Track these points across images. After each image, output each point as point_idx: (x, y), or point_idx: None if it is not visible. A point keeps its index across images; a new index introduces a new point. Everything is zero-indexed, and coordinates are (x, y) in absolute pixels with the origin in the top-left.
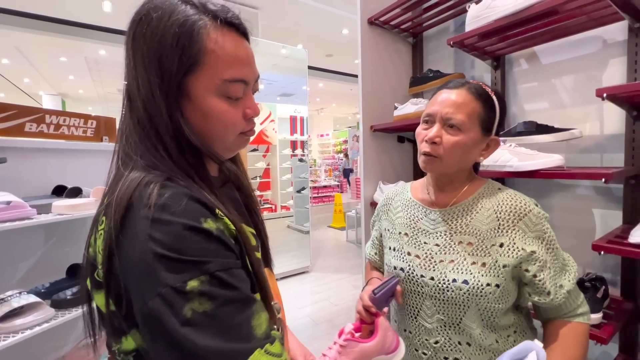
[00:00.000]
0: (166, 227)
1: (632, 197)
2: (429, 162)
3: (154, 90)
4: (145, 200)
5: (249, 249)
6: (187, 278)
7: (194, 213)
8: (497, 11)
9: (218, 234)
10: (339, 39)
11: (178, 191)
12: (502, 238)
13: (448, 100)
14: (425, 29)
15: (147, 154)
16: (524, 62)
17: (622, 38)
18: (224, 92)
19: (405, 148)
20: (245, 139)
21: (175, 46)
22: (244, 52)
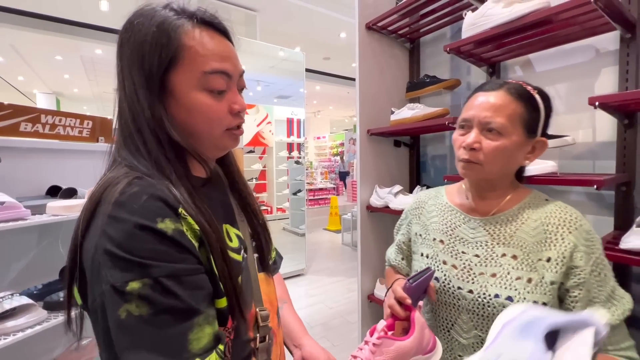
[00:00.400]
0: (119, 224)
1: (623, 203)
2: (468, 168)
3: (137, 89)
4: (109, 197)
5: (221, 251)
6: (128, 278)
7: (150, 212)
8: (493, 19)
9: (173, 235)
10: (336, 42)
11: (141, 189)
12: (549, 252)
13: (485, 103)
14: (422, 35)
15: (129, 154)
16: (518, 69)
17: (613, 48)
18: (206, 85)
19: (401, 152)
20: (233, 136)
21: (154, 44)
22: (223, 46)
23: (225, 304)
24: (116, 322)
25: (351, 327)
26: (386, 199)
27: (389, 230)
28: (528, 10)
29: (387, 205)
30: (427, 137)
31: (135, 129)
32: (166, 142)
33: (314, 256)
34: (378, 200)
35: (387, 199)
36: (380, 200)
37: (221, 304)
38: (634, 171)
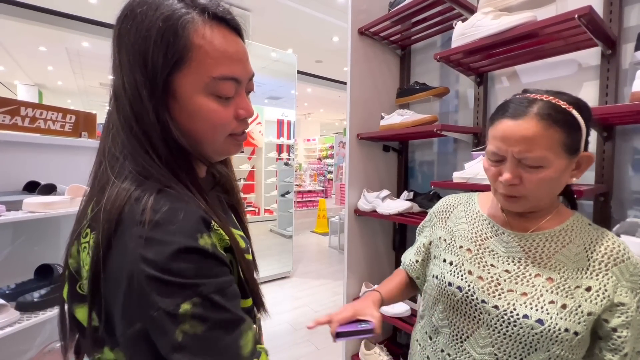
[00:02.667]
0: (160, 247)
1: (601, 212)
2: (512, 202)
3: (140, 89)
4: (139, 217)
5: (240, 255)
6: (180, 301)
7: (190, 230)
8: (482, 30)
9: (213, 251)
10: (329, 45)
11: (173, 205)
12: (590, 281)
13: (515, 135)
14: (414, 42)
15: (135, 156)
16: (505, 79)
17: (595, 63)
18: (213, 90)
19: (390, 157)
20: (235, 141)
21: (159, 42)
22: (235, 47)
23: (251, 303)
24: (173, 344)
25: None
26: (374, 204)
27: (377, 234)
28: (515, 23)
29: (374, 209)
30: (416, 142)
31: (142, 131)
32: (174, 147)
33: (301, 259)
34: (366, 205)
35: (375, 203)
36: (368, 205)
37: (247, 304)
38: (612, 182)
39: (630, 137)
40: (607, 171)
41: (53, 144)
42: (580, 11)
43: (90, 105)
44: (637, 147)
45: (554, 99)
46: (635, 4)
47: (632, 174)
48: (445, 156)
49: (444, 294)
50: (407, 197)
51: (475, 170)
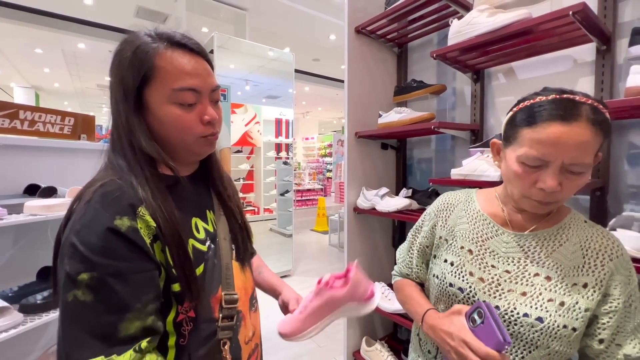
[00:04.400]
0: (84, 220)
1: (598, 207)
2: (542, 209)
3: (118, 104)
4: (85, 196)
5: (176, 242)
6: (81, 269)
7: (111, 210)
8: (478, 28)
9: (126, 232)
10: (326, 44)
11: (110, 189)
12: (586, 278)
13: (570, 141)
14: (410, 40)
15: (114, 157)
16: (501, 76)
17: (590, 59)
18: (176, 100)
19: (388, 155)
20: (207, 142)
21: (129, 67)
22: (193, 65)
23: (179, 288)
24: (64, 302)
25: (337, 328)
26: (373, 201)
27: (376, 232)
28: (511, 20)
29: (373, 207)
30: (414, 140)
31: (117, 136)
32: (138, 149)
33: (301, 257)
34: (365, 202)
35: (374, 201)
36: (367, 202)
37: (176, 288)
38: (608, 177)
39: (626, 132)
40: (603, 166)
41: (52, 147)
42: (574, 8)
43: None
44: (632, 142)
45: (594, 102)
46: (629, 0)
47: (627, 168)
48: (443, 153)
49: (445, 294)
50: (406, 194)
51: (473, 167)
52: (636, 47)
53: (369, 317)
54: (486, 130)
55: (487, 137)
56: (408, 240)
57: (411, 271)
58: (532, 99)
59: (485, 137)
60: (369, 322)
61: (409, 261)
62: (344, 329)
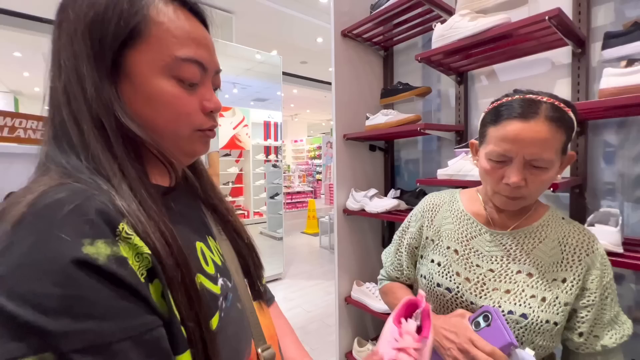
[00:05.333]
0: (16, 256)
1: (577, 203)
2: (512, 204)
3: (79, 63)
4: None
5: (183, 282)
6: (23, 352)
7: (71, 230)
8: (460, 32)
9: (106, 266)
10: (313, 46)
11: (61, 196)
12: (565, 273)
13: (528, 137)
14: (396, 43)
15: (57, 151)
16: (484, 78)
17: (566, 61)
18: (176, 73)
19: (376, 156)
20: (204, 138)
21: (112, 7)
22: (202, 33)
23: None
24: None
25: (329, 329)
26: (362, 203)
27: (365, 233)
28: (491, 24)
29: (363, 208)
30: (401, 141)
31: (70, 116)
32: (113, 132)
33: (292, 260)
34: (354, 204)
35: (363, 202)
36: (356, 204)
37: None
38: (586, 174)
39: (601, 132)
40: (580, 164)
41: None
42: (550, 13)
43: None
44: (607, 141)
45: (555, 101)
46: (602, 5)
47: (603, 166)
48: (429, 154)
49: (433, 293)
50: (394, 195)
51: (458, 167)
52: (608, 50)
53: (360, 318)
54: (470, 131)
55: (471, 137)
56: (394, 243)
57: (401, 273)
58: (500, 100)
59: (470, 138)
60: (360, 322)
61: (398, 263)
62: (336, 330)
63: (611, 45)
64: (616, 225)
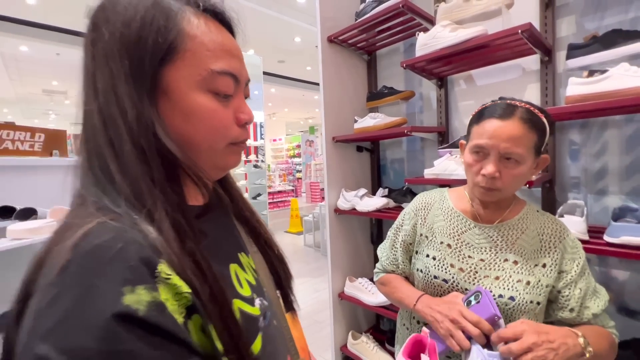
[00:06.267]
0: (62, 309)
1: (548, 197)
2: (488, 195)
3: (117, 83)
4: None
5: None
6: None
7: (112, 279)
8: (442, 41)
9: (148, 317)
10: (291, 46)
11: (102, 240)
12: (544, 259)
13: (503, 134)
14: (378, 48)
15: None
16: (462, 82)
17: (536, 68)
18: (212, 86)
19: (363, 157)
20: (236, 151)
21: (150, 24)
22: (233, 43)
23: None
24: None
25: (320, 326)
26: (353, 202)
27: (355, 230)
28: (470, 35)
29: (354, 207)
30: (386, 142)
31: (107, 140)
32: (154, 157)
33: None
34: (345, 203)
35: (354, 201)
36: (347, 203)
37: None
38: (554, 171)
39: (567, 131)
40: (550, 161)
41: (23, 166)
42: (522, 27)
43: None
44: (572, 140)
45: (530, 107)
46: (564, 17)
47: (569, 162)
48: (413, 153)
49: (431, 285)
50: (383, 193)
51: (444, 167)
52: (572, 60)
53: (352, 312)
54: (451, 131)
55: (452, 138)
56: (389, 239)
57: (397, 267)
58: (486, 104)
59: (451, 139)
60: (353, 316)
61: (394, 258)
62: (330, 324)
63: (574, 55)
64: (582, 215)
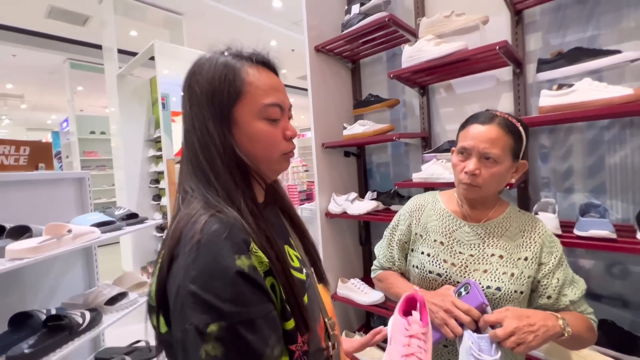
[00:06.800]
0: (200, 264)
1: (523, 196)
2: (469, 190)
3: (207, 122)
4: (189, 236)
5: (283, 277)
6: (209, 321)
7: (229, 250)
8: (426, 54)
9: (249, 273)
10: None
11: (218, 225)
12: (526, 253)
13: (482, 136)
14: (362, 57)
15: (199, 184)
16: (443, 91)
17: (508, 78)
18: (265, 115)
19: (350, 162)
20: (287, 159)
21: (223, 81)
22: (277, 82)
23: (293, 325)
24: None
25: None
26: (344, 206)
27: (344, 234)
28: (453, 50)
29: (345, 211)
30: (372, 147)
31: (205, 159)
32: (234, 166)
33: None
34: (336, 207)
35: (345, 205)
36: (338, 207)
37: (289, 326)
38: (528, 172)
39: (538, 136)
40: None
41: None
42: (499, 44)
43: None
44: (542, 144)
45: (508, 116)
46: (532, 34)
47: (540, 164)
48: (398, 157)
49: (426, 280)
50: (372, 196)
51: (431, 171)
52: (542, 73)
53: (344, 311)
54: (434, 137)
55: (434, 143)
56: (386, 238)
57: (393, 264)
58: (473, 114)
59: (433, 143)
60: (345, 317)
61: (390, 256)
62: None
63: (543, 69)
64: (554, 212)
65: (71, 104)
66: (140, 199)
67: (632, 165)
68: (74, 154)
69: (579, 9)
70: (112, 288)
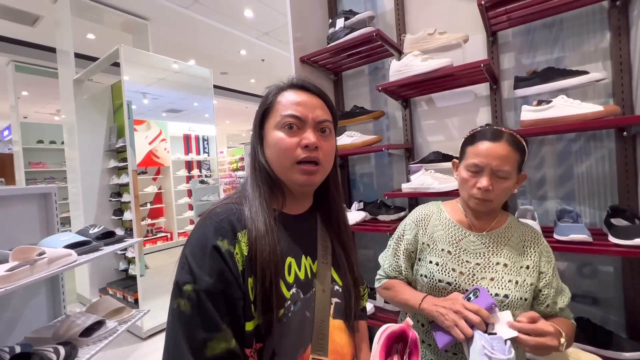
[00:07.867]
0: (196, 235)
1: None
2: (482, 205)
3: (254, 139)
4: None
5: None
6: (187, 280)
7: (217, 231)
8: (413, 69)
9: (224, 254)
10: (235, 58)
11: (219, 211)
12: (527, 261)
13: (494, 153)
14: (345, 70)
15: (245, 184)
16: (424, 104)
17: (486, 93)
18: (281, 124)
19: None
20: (302, 171)
21: (260, 105)
22: (302, 99)
23: (252, 327)
24: (171, 308)
25: None
26: None
27: None
28: (439, 66)
29: None
30: (355, 157)
31: (252, 167)
32: (259, 175)
33: None
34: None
35: None
36: None
37: (248, 327)
38: None
39: None
40: None
41: None
42: (484, 62)
43: None
44: None
45: (514, 133)
46: (505, 54)
47: None
48: (381, 168)
49: (436, 288)
50: (359, 207)
51: (420, 182)
52: (519, 90)
53: None
54: (416, 147)
55: (417, 154)
56: (391, 248)
57: (400, 273)
58: (477, 129)
59: (416, 154)
60: None
61: (396, 265)
62: None
63: (520, 86)
64: (534, 219)
65: (15, 110)
66: (98, 214)
67: (596, 174)
68: (18, 165)
69: (546, 33)
70: (86, 317)
